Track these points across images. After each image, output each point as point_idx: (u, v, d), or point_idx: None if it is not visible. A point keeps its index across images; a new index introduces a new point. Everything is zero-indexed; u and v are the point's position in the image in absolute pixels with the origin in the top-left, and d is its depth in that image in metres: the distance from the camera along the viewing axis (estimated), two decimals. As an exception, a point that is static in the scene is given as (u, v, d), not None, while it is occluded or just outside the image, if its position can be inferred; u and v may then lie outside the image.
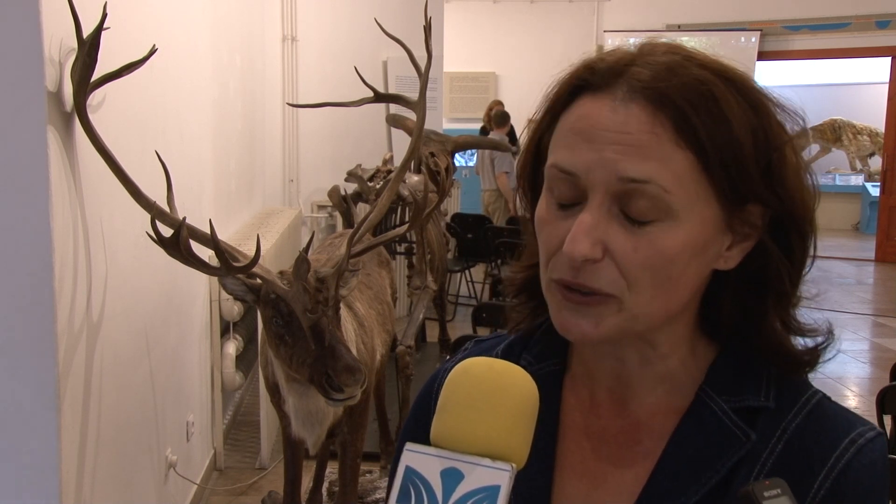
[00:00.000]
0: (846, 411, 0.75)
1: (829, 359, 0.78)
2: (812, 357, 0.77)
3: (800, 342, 0.77)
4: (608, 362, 0.78)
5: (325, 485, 3.25)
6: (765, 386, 0.74)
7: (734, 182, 0.68)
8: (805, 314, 0.77)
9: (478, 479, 0.60)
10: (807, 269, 0.75)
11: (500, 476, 0.60)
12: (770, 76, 11.66)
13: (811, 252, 0.74)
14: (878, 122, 11.10)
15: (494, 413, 0.63)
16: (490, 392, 0.64)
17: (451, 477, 0.61)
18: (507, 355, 0.83)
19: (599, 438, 0.78)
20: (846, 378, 5.22)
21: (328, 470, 3.25)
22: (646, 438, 0.76)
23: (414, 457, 0.62)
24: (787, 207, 0.71)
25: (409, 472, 0.61)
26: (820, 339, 0.77)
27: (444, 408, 0.65)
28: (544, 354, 0.82)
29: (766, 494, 0.63)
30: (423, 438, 0.64)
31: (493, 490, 0.60)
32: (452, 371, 0.66)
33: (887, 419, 2.47)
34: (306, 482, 3.12)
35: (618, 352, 0.76)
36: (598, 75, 0.70)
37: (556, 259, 0.70)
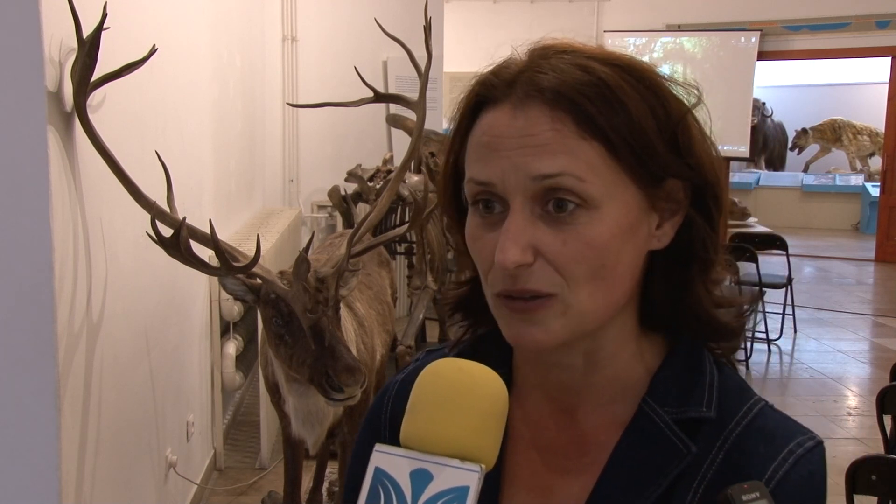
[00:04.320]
0: (787, 420, 0.75)
1: (750, 325, 0.79)
2: (738, 324, 0.78)
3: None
4: (553, 372, 0.77)
5: (325, 485, 3.25)
6: (707, 395, 0.74)
7: (644, 162, 0.69)
8: (730, 288, 0.79)
9: (447, 479, 0.60)
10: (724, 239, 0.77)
11: (469, 477, 0.60)
12: (770, 76, 11.69)
13: (725, 217, 0.76)
14: (878, 122, 11.10)
15: (463, 414, 0.63)
16: (458, 393, 0.64)
17: (420, 478, 0.61)
18: None
19: (548, 450, 0.78)
20: (846, 378, 5.22)
21: (328, 470, 3.25)
22: (592, 450, 0.76)
23: (383, 458, 0.62)
24: (699, 175, 0.72)
25: (379, 473, 0.62)
26: (745, 308, 0.78)
27: (413, 409, 0.65)
28: (490, 365, 0.82)
29: (744, 498, 0.63)
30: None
31: (462, 491, 0.60)
32: (422, 372, 0.67)
33: (887, 419, 2.46)
34: (306, 482, 3.12)
35: (563, 359, 0.76)
36: (495, 88, 0.72)
37: (493, 273, 0.71)
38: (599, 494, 0.73)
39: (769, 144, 12.93)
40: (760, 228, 6.92)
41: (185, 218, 1.97)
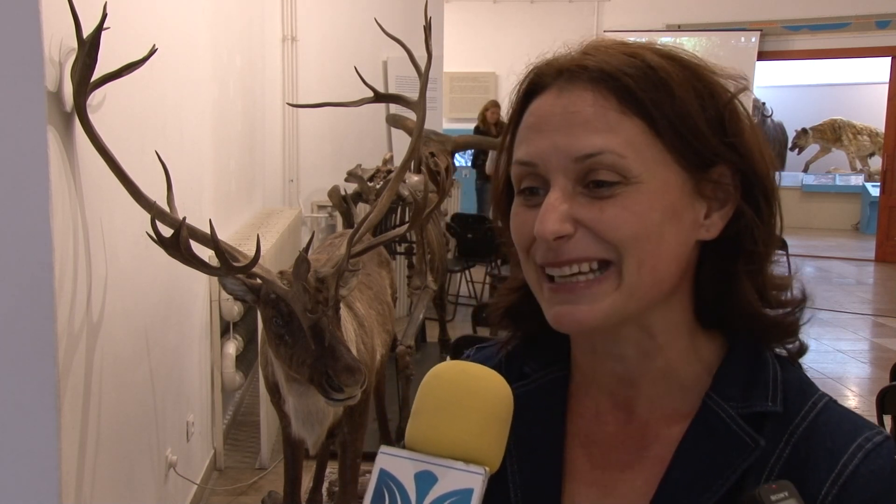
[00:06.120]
0: (853, 414, 0.75)
1: (806, 321, 0.79)
2: (790, 322, 0.78)
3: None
4: (608, 364, 0.78)
5: (325, 485, 3.25)
6: (772, 390, 0.74)
7: (688, 142, 0.70)
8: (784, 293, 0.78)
9: (451, 482, 0.61)
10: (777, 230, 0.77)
11: (473, 479, 0.61)
12: (770, 76, 11.68)
13: (777, 213, 0.76)
14: (878, 122, 11.10)
15: (466, 416, 0.63)
16: (461, 395, 0.64)
17: (425, 480, 0.61)
18: (509, 363, 0.83)
19: (607, 445, 0.78)
20: (846, 378, 5.22)
21: (328, 470, 3.25)
22: (654, 444, 0.76)
23: (388, 459, 0.63)
24: (748, 163, 0.72)
25: (384, 474, 0.62)
26: (795, 308, 0.78)
27: (417, 411, 0.65)
28: (547, 361, 0.82)
29: (773, 498, 0.62)
30: None
31: (466, 493, 0.60)
32: (427, 375, 0.67)
33: (887, 419, 2.46)
34: (306, 482, 3.12)
35: (616, 349, 0.76)
36: (545, 76, 0.74)
37: (535, 246, 0.72)
38: (667, 489, 0.73)
39: (769, 144, 12.91)
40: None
41: (185, 218, 1.96)
